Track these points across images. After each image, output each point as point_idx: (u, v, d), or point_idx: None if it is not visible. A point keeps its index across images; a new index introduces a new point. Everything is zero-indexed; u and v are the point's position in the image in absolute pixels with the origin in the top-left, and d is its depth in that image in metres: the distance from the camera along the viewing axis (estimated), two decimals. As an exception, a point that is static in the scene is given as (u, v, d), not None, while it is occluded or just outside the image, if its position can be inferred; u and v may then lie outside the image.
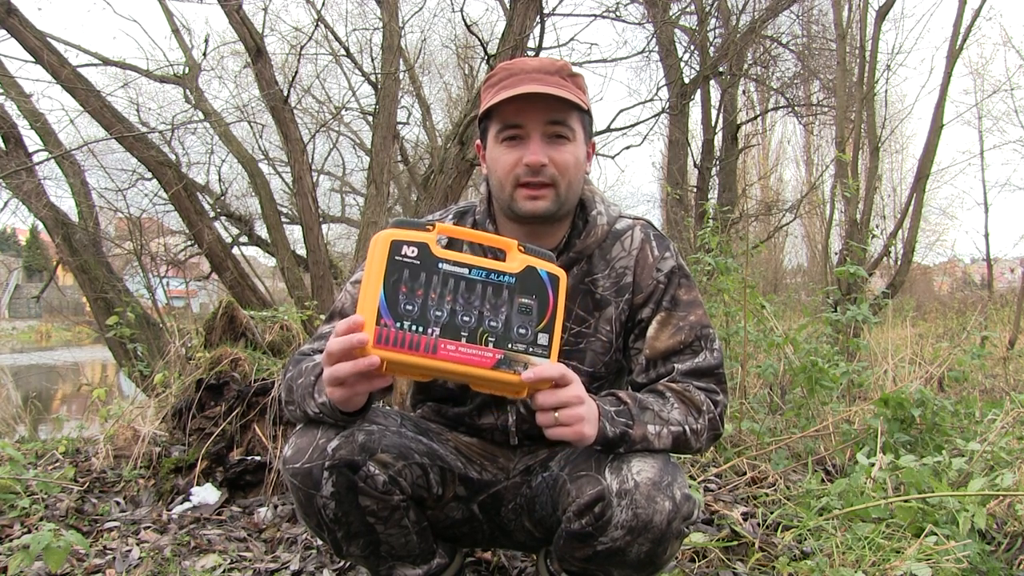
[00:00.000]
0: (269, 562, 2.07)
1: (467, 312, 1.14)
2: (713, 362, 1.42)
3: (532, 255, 1.20)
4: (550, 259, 1.22)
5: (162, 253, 7.70)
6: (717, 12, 9.99)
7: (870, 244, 8.48)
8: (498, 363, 1.14)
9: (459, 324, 1.13)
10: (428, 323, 1.12)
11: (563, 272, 1.21)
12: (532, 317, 1.16)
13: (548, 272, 1.19)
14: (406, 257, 1.14)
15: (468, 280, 1.15)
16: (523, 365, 1.15)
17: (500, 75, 1.40)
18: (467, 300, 1.14)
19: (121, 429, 3.00)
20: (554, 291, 1.19)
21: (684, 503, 1.27)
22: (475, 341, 1.13)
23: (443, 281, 1.14)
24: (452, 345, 1.12)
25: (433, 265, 1.14)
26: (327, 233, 12.27)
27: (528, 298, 1.17)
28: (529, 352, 1.15)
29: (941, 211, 18.20)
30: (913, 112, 21.66)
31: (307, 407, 1.31)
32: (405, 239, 1.14)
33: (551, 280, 1.19)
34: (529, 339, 1.16)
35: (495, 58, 5.53)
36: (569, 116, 1.38)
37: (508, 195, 1.39)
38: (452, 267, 1.15)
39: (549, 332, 1.17)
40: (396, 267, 1.13)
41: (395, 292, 1.12)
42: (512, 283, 1.17)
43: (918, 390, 2.94)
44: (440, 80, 14.98)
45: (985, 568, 1.85)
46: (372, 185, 6.17)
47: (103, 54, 7.15)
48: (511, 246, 1.21)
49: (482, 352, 1.13)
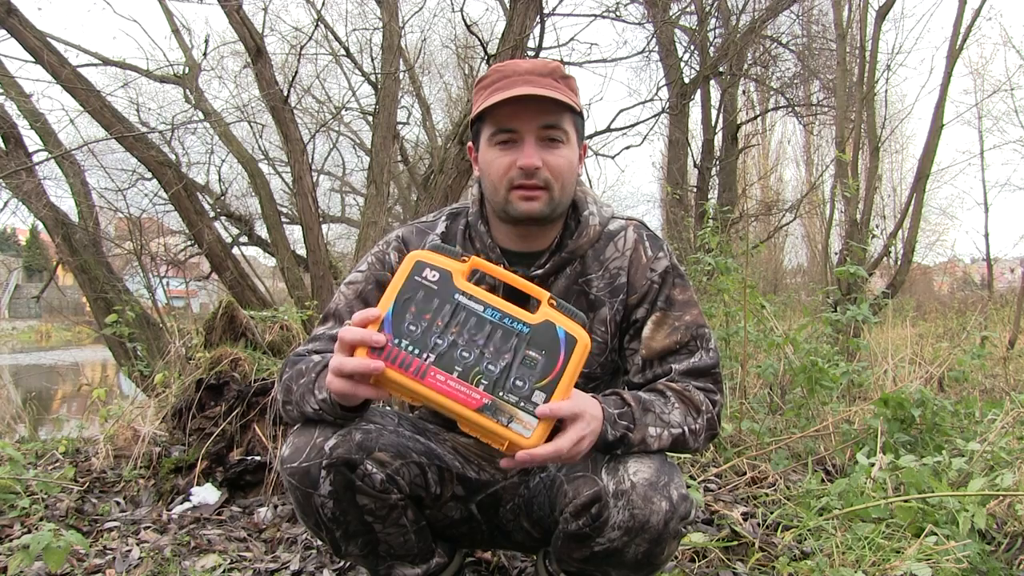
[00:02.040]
0: (269, 562, 2.07)
1: (468, 348, 1.12)
2: (710, 362, 1.42)
3: (561, 312, 1.16)
4: (580, 321, 1.16)
5: (162, 253, 7.70)
6: (717, 12, 10.00)
7: (870, 244, 8.48)
8: (483, 407, 1.10)
9: (456, 357, 1.11)
10: (425, 348, 1.11)
11: (585, 337, 1.15)
12: (534, 372, 1.12)
13: (566, 332, 1.14)
14: (425, 280, 1.14)
15: (479, 318, 1.13)
16: (508, 417, 1.10)
17: (492, 77, 1.40)
18: (472, 336, 1.12)
19: (121, 429, 3.01)
20: (567, 354, 1.13)
21: (681, 503, 1.27)
22: (467, 379, 1.10)
23: (454, 312, 1.13)
24: (442, 376, 1.10)
25: (449, 294, 1.14)
26: (327, 233, 12.28)
27: (537, 352, 1.12)
28: (519, 406, 1.10)
29: (941, 211, 18.24)
30: (913, 112, 21.65)
31: (306, 404, 1.31)
32: (430, 262, 1.15)
33: (567, 341, 1.13)
34: (524, 393, 1.11)
35: (495, 58, 5.52)
36: (562, 118, 1.37)
37: (502, 198, 1.39)
38: (467, 300, 1.14)
39: (548, 392, 1.11)
40: (412, 286, 1.13)
41: (403, 309, 1.12)
42: (524, 332, 1.13)
43: (918, 390, 2.94)
44: (440, 80, 15.01)
45: (985, 568, 1.85)
46: (372, 185, 6.18)
47: (103, 54, 7.18)
48: (543, 297, 1.18)
49: (470, 391, 1.10)
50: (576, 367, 1.13)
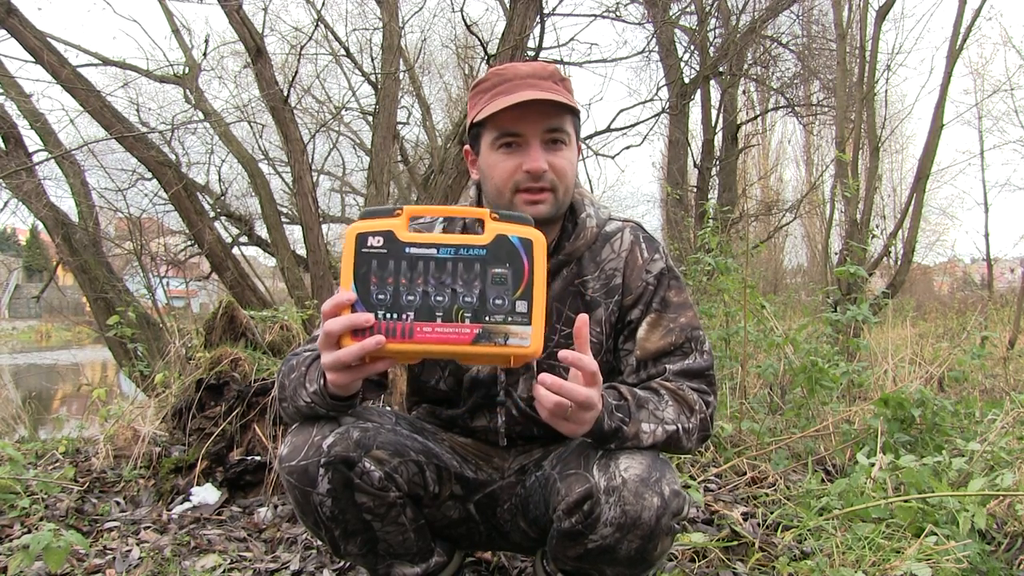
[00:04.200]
0: (269, 562, 2.07)
1: (440, 292, 1.13)
2: (704, 364, 1.43)
3: (506, 221, 1.17)
4: (525, 222, 1.18)
5: (162, 253, 7.71)
6: (717, 12, 10.00)
7: (870, 244, 8.47)
8: (477, 338, 1.13)
9: (432, 305, 1.13)
10: (402, 309, 1.12)
11: (539, 235, 1.17)
12: (508, 286, 1.14)
13: (520, 237, 1.16)
14: (372, 248, 1.14)
15: (437, 260, 1.14)
16: (503, 336, 1.13)
17: (492, 81, 1.40)
18: (438, 280, 1.13)
19: (121, 429, 3.00)
20: (528, 256, 1.15)
21: (673, 499, 1.26)
22: (451, 319, 1.13)
23: (411, 265, 1.13)
24: (428, 327, 1.12)
25: (400, 251, 1.14)
26: (327, 233, 12.24)
27: (502, 267, 1.14)
28: (508, 322, 1.13)
29: (941, 211, 18.22)
30: (913, 112, 21.69)
31: (299, 398, 1.31)
32: (370, 230, 1.14)
33: (524, 245, 1.15)
34: (507, 308, 1.13)
35: (495, 58, 5.53)
36: (565, 121, 1.39)
37: (507, 201, 1.39)
38: (419, 249, 1.14)
39: (528, 299, 1.14)
40: (364, 259, 1.14)
41: (366, 284, 1.13)
42: (483, 255, 1.14)
43: (918, 390, 2.94)
44: (440, 80, 14.99)
45: (985, 568, 1.85)
46: (372, 185, 6.18)
47: (103, 54, 7.17)
48: (484, 215, 1.17)
49: (459, 329, 1.13)
50: (541, 265, 1.15)
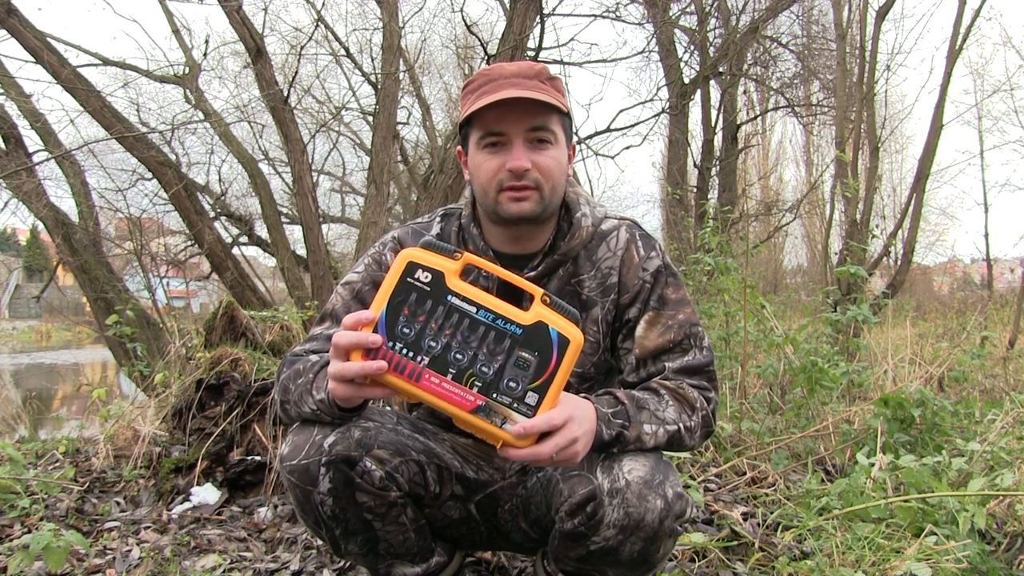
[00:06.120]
0: (269, 562, 2.07)
1: (462, 350, 1.12)
2: (703, 360, 1.42)
3: (555, 310, 1.15)
4: (573, 318, 1.16)
5: (162, 253, 7.72)
6: (717, 12, 10.00)
7: (870, 244, 8.48)
8: (477, 408, 1.11)
9: (450, 360, 1.12)
10: (419, 351, 1.11)
11: (578, 336, 1.14)
12: (527, 373, 1.12)
13: (560, 333, 1.13)
14: (418, 281, 1.13)
15: (473, 319, 1.13)
16: (502, 418, 1.11)
17: (479, 81, 1.40)
18: (465, 339, 1.12)
19: (121, 429, 3.01)
20: (560, 354, 1.13)
21: (676, 501, 1.27)
22: (460, 381, 1.11)
23: (447, 314, 1.12)
24: (436, 379, 1.11)
25: (442, 296, 1.13)
26: (327, 233, 12.27)
27: (530, 353, 1.12)
28: (513, 407, 1.11)
29: (941, 211, 18.23)
30: (913, 112, 21.73)
31: (304, 405, 1.31)
32: (422, 263, 1.13)
33: (560, 342, 1.13)
34: (517, 394, 1.12)
35: (495, 58, 5.53)
36: (550, 120, 1.38)
37: (492, 200, 1.39)
38: (460, 302, 1.13)
39: (541, 393, 1.12)
40: (405, 288, 1.13)
41: (396, 313, 1.12)
42: (517, 334, 1.13)
43: (918, 390, 2.94)
44: (440, 80, 14.98)
45: (985, 568, 1.85)
46: (372, 185, 6.18)
47: (103, 54, 7.17)
48: (537, 293, 1.16)
49: (465, 394, 1.11)
50: (568, 366, 1.13)
